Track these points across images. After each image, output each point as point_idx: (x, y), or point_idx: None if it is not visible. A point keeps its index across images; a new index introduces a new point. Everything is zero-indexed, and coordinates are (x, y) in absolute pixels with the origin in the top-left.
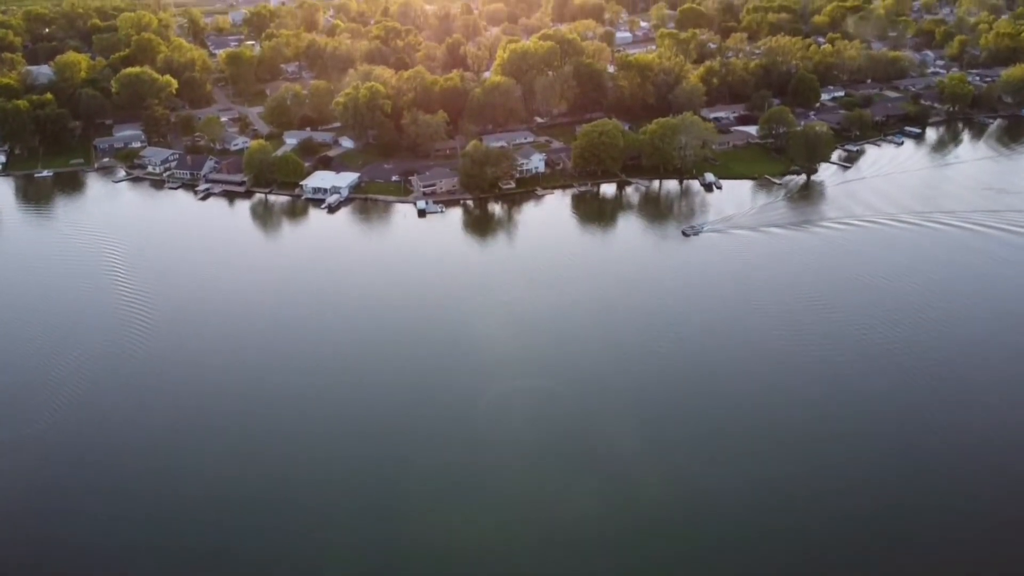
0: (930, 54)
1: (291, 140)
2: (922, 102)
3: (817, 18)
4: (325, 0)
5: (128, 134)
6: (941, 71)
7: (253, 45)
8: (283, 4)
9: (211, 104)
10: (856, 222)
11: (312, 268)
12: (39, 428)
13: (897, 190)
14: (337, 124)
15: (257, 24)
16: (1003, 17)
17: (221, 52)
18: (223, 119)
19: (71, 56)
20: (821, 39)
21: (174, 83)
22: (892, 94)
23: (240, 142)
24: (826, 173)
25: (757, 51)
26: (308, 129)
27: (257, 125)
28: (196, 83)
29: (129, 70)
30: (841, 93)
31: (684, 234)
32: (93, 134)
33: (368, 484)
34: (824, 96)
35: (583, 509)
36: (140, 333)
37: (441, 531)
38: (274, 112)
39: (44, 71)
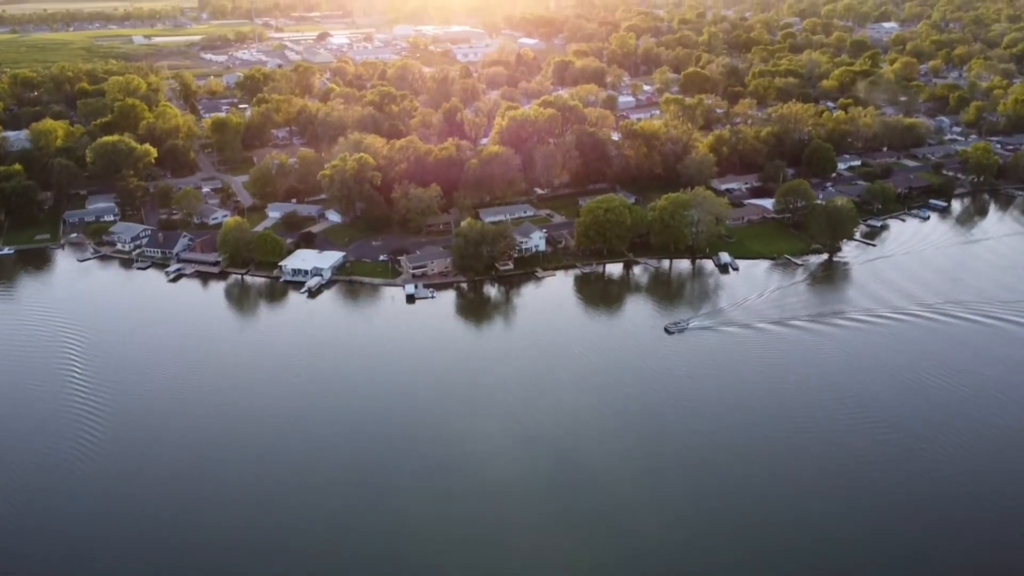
0: (945, 120)
1: (274, 213)
2: (945, 172)
3: (825, 82)
4: (323, 63)
5: (101, 207)
6: (959, 138)
7: (245, 109)
8: (279, 66)
9: (195, 172)
10: (873, 318)
11: (287, 363)
12: None
13: (925, 273)
14: (324, 196)
15: (250, 88)
16: (1017, 82)
17: (207, 118)
18: (205, 189)
19: (48, 123)
20: (831, 104)
21: (153, 152)
22: (911, 163)
23: (220, 216)
24: (849, 252)
25: (766, 117)
26: (293, 201)
27: (241, 195)
28: (179, 151)
29: (106, 139)
30: (857, 162)
31: (667, 331)
32: (65, 206)
33: None
34: (839, 165)
35: None
36: (92, 439)
37: None
38: (258, 182)
39: (21, 138)
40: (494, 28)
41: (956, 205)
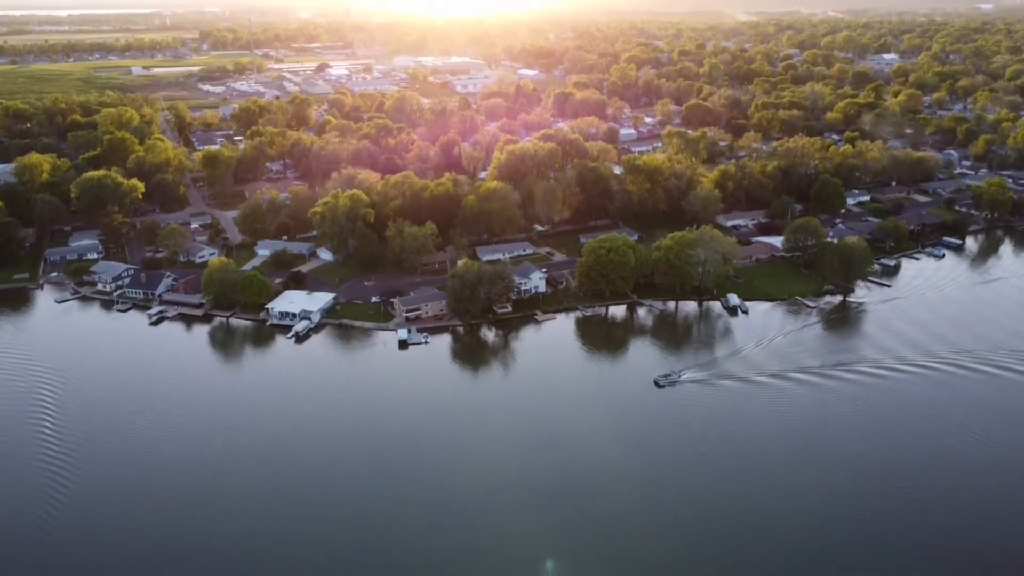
0: (954, 153)
1: (264, 251)
2: (957, 208)
3: (830, 115)
4: (321, 94)
5: (84, 244)
6: (969, 172)
7: (240, 141)
8: (277, 98)
9: (184, 207)
10: (880, 370)
11: (271, 413)
12: None
13: (941, 318)
14: (316, 233)
15: (246, 119)
16: None
17: (201, 150)
18: (194, 225)
19: (33, 157)
20: (836, 136)
21: (140, 187)
22: (921, 198)
23: (207, 254)
24: (862, 293)
25: (771, 151)
26: (284, 238)
27: (231, 231)
28: (168, 185)
29: (91, 174)
30: (866, 197)
31: (657, 385)
32: (47, 243)
33: None
34: (848, 200)
35: None
36: (59, 502)
37: None
38: (248, 219)
39: (6, 172)
40: (494, 59)
41: (971, 242)
